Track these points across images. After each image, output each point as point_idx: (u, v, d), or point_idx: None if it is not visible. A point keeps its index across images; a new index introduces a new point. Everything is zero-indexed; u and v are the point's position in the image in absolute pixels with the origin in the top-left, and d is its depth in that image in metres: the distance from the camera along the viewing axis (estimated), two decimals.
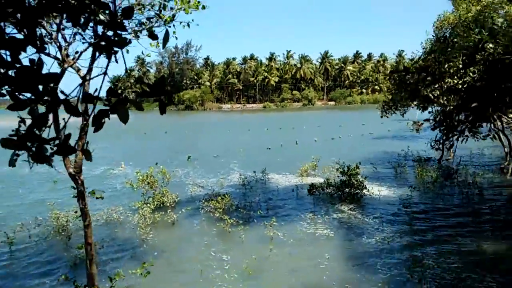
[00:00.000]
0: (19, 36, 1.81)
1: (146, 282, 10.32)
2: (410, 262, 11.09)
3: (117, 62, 1.95)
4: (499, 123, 20.52)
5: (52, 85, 1.72)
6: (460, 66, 9.30)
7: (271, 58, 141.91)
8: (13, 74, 1.66)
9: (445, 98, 11.47)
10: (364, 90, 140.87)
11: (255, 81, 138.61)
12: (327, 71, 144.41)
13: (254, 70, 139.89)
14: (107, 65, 2.00)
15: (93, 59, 8.53)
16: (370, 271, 10.70)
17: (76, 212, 12.25)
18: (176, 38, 8.06)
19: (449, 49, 9.05)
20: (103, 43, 1.88)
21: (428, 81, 9.83)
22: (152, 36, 2.28)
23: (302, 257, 11.87)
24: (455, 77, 9.69)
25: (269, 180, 22.10)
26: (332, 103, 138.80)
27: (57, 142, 1.75)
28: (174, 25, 8.05)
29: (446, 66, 9.30)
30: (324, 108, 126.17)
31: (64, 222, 14.03)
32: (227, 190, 19.49)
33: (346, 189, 17.97)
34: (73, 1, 1.77)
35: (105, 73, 2.01)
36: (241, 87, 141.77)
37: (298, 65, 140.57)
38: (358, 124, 56.61)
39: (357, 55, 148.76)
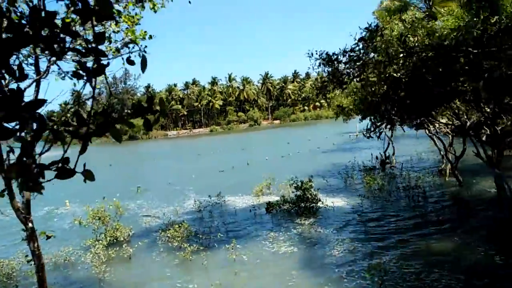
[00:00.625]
0: None
1: None
2: (371, 268, 11.51)
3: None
4: (432, 128, 22.28)
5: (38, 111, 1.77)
6: (384, 57, 10.00)
7: (213, 82, 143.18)
8: None
9: (369, 87, 12.18)
10: (306, 107, 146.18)
11: (199, 105, 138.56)
12: (269, 91, 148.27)
13: (197, 95, 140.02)
14: (93, 91, 2.05)
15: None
16: (336, 282, 10.95)
17: (26, 256, 11.30)
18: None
19: (377, 39, 9.57)
20: (81, 72, 1.95)
21: (356, 71, 10.33)
22: (130, 62, 2.35)
23: (268, 277, 11.85)
24: (380, 68, 10.38)
25: (226, 203, 21.96)
26: (277, 121, 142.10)
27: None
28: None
29: (372, 55, 9.96)
30: (270, 127, 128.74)
31: (10, 270, 12.83)
32: (184, 218, 19.05)
33: (302, 204, 18.37)
34: (46, 33, 1.83)
35: (93, 97, 2.07)
36: (185, 113, 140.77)
37: (241, 87, 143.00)
38: (304, 140, 58.37)
39: (295, 74, 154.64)
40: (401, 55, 9.53)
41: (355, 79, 10.34)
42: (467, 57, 9.85)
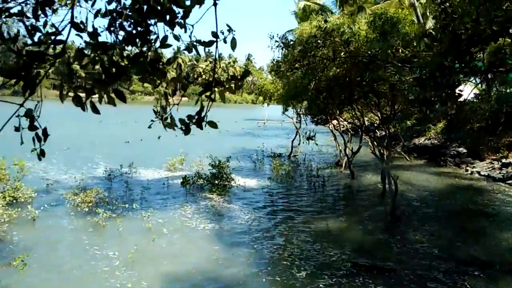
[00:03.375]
0: None
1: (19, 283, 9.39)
2: (277, 238, 12.98)
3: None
4: (336, 124, 25.04)
5: None
6: (330, 56, 11.46)
7: None
8: None
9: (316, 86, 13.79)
10: (216, 89, 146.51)
11: (99, 69, 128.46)
12: (180, 67, 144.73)
13: None
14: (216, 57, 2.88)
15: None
16: (246, 248, 12.18)
17: None
18: None
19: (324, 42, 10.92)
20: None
21: (307, 69, 11.66)
22: (224, 41, 2.96)
23: (185, 244, 12.49)
24: (326, 68, 11.90)
25: (137, 174, 21.70)
26: (186, 99, 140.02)
27: None
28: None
29: (319, 54, 11.33)
30: (180, 104, 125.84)
31: None
32: (95, 184, 18.40)
33: (216, 181, 19.26)
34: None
35: (214, 69, 2.60)
36: (83, 74, 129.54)
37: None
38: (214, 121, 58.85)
39: (208, 54, 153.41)
40: (342, 54, 10.96)
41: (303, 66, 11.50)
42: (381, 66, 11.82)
